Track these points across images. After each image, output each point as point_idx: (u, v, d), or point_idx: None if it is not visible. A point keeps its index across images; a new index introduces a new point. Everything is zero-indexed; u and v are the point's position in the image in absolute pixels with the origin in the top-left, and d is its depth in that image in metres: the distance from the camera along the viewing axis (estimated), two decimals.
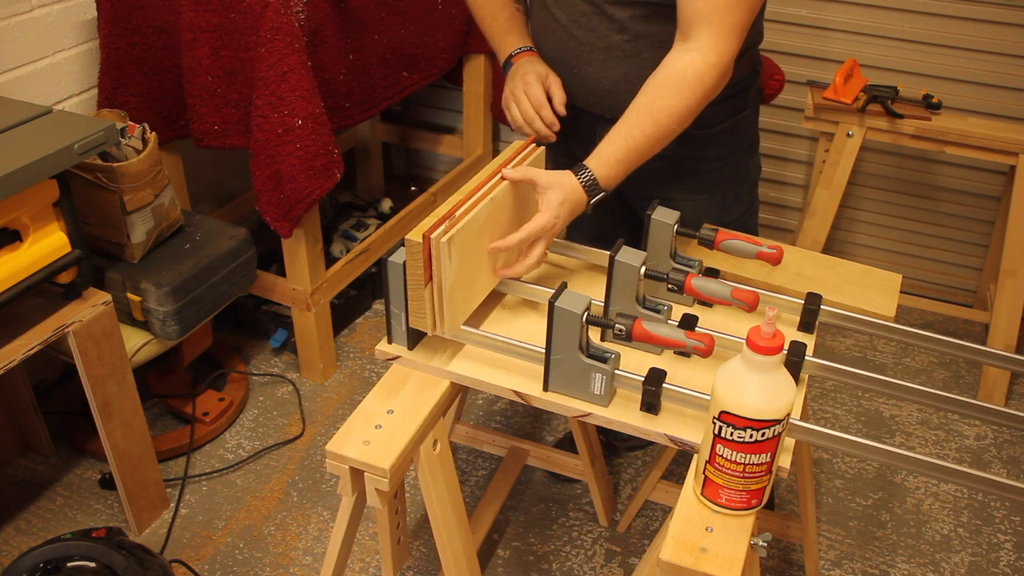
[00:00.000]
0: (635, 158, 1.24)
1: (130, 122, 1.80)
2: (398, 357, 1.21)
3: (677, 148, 1.30)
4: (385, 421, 1.12)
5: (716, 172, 1.50)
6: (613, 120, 1.26)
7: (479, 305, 1.24)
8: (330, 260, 2.31)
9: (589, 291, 1.28)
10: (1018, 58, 2.30)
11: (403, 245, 1.10)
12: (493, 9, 1.47)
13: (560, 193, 1.20)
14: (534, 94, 1.38)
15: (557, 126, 1.38)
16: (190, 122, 1.97)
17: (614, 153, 1.23)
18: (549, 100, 1.39)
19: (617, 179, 1.25)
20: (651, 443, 1.80)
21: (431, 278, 1.11)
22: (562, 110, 1.38)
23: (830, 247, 2.73)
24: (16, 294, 1.46)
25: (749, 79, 1.46)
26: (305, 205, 1.92)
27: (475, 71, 2.66)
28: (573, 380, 1.11)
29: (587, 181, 1.22)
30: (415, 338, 1.20)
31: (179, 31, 1.89)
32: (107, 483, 1.95)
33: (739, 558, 0.95)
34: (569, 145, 1.47)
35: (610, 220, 1.62)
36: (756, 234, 1.57)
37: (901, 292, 1.42)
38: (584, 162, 1.24)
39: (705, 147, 1.45)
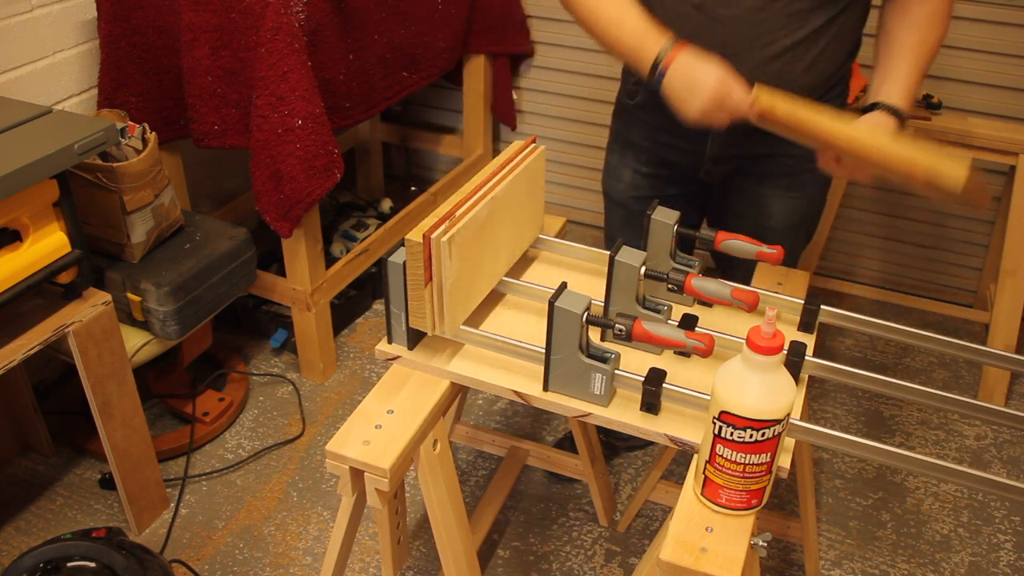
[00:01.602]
0: (918, 88, 1.30)
1: (130, 122, 1.80)
2: (398, 357, 1.21)
3: (783, 146, 1.29)
4: (385, 421, 1.12)
5: (811, 172, 1.46)
6: (729, 127, 1.23)
7: (479, 305, 1.24)
8: (330, 260, 2.31)
9: (589, 291, 1.28)
10: (1018, 58, 2.30)
11: (403, 245, 1.10)
12: (620, 12, 1.24)
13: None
14: (735, 104, 1.19)
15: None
16: (190, 122, 1.97)
17: (910, 85, 1.27)
18: None
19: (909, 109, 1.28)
20: (651, 443, 1.80)
21: (431, 278, 1.11)
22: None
23: (830, 247, 2.73)
24: (16, 294, 1.46)
25: (848, 78, 1.49)
26: (305, 205, 1.92)
27: (475, 71, 2.66)
28: (573, 380, 1.11)
29: (893, 111, 1.26)
30: (415, 338, 1.20)
31: (179, 31, 1.89)
32: (107, 483, 1.95)
33: (739, 558, 0.95)
34: (668, 154, 1.48)
35: (686, 209, 1.57)
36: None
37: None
38: (882, 100, 1.26)
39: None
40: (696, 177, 1.52)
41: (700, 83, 1.18)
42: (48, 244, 1.51)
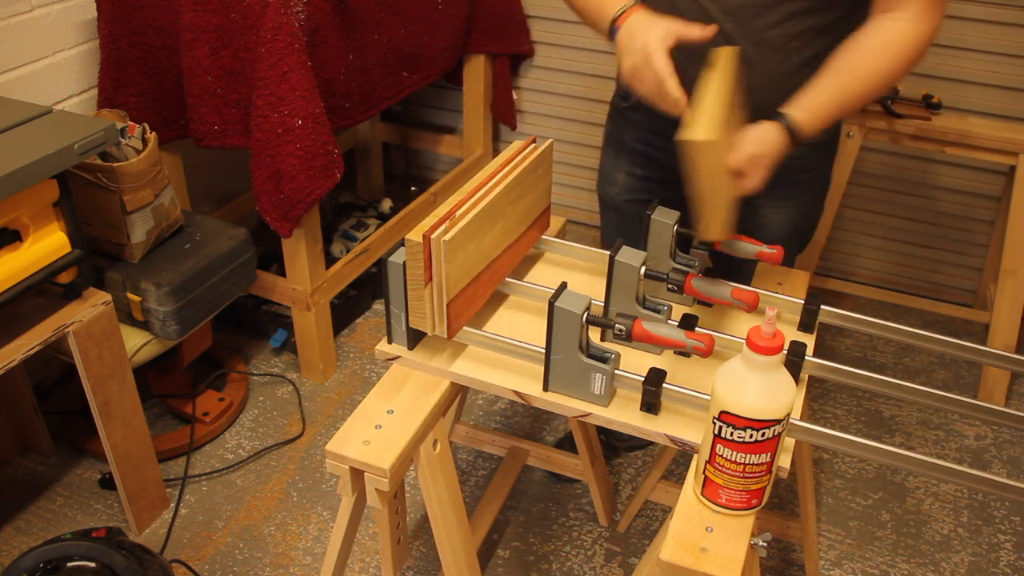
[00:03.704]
0: (837, 114, 1.23)
1: (130, 122, 1.80)
2: (398, 357, 1.21)
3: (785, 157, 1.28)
4: (385, 421, 1.12)
5: (809, 182, 1.48)
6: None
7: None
8: (330, 260, 2.31)
9: (589, 291, 1.28)
10: (1018, 58, 2.30)
11: (403, 245, 1.10)
12: None
13: (762, 144, 1.17)
14: (653, 69, 1.13)
15: (683, 101, 1.14)
16: (190, 122, 1.97)
17: (824, 105, 1.21)
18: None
19: (816, 135, 1.22)
20: (651, 443, 1.80)
21: (431, 278, 1.11)
22: (710, 32, 1.16)
23: (830, 247, 2.73)
24: (16, 294, 1.46)
25: None
26: (305, 205, 1.92)
27: (475, 71, 2.66)
28: (573, 380, 1.11)
29: (789, 124, 1.19)
30: (415, 338, 1.20)
31: (179, 31, 1.89)
32: (107, 483, 1.95)
33: (739, 558, 0.95)
34: (659, 156, 1.46)
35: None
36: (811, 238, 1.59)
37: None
38: (784, 110, 1.20)
39: (809, 156, 1.42)
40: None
41: (635, 42, 1.16)
42: (48, 244, 1.51)
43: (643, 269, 1.17)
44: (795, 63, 1.27)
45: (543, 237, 1.41)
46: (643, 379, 1.08)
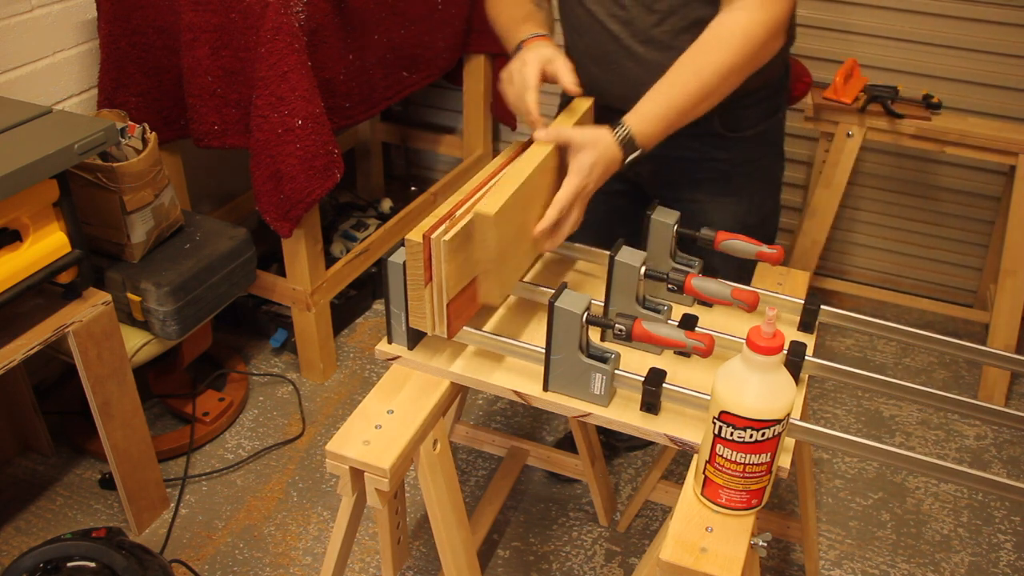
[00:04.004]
0: (676, 116, 1.20)
1: (130, 122, 1.80)
2: (398, 357, 1.20)
3: (709, 151, 1.28)
4: (385, 421, 1.12)
5: (747, 176, 1.47)
6: None
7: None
8: (330, 260, 2.31)
9: (589, 291, 1.28)
10: (1018, 58, 2.30)
11: (403, 245, 1.10)
12: (508, 16, 1.39)
13: (592, 153, 1.16)
14: (522, 76, 1.24)
15: (535, 114, 1.23)
16: (190, 122, 1.97)
17: (654, 109, 1.20)
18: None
19: (656, 137, 1.21)
20: (651, 443, 1.80)
21: (431, 278, 1.11)
22: (575, 89, 1.25)
23: (830, 247, 2.73)
24: (16, 294, 1.46)
25: (782, 81, 1.45)
26: (305, 205, 1.92)
27: (475, 71, 2.66)
28: (573, 380, 1.11)
29: (623, 137, 1.18)
30: (415, 338, 1.20)
31: (179, 31, 1.89)
32: (107, 483, 1.95)
33: (739, 558, 0.95)
34: None
35: (622, 223, 1.60)
36: (774, 239, 1.54)
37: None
38: (623, 118, 1.20)
39: (739, 150, 1.42)
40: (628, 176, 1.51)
41: (520, 56, 1.26)
42: (48, 244, 1.51)
43: (643, 269, 1.17)
44: None
45: None
46: (643, 379, 1.08)
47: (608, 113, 1.40)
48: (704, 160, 1.36)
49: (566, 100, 1.36)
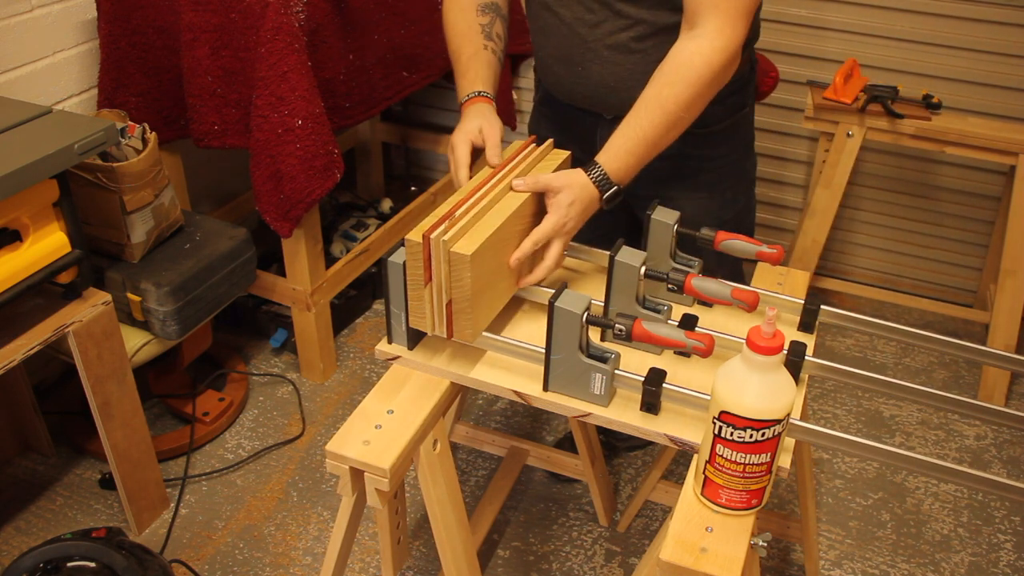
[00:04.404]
0: (646, 150, 1.24)
1: (130, 122, 1.80)
2: (398, 357, 1.21)
3: (679, 147, 1.30)
4: (385, 421, 1.12)
5: (716, 171, 1.49)
6: (615, 120, 1.26)
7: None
8: (330, 260, 2.31)
9: (589, 291, 1.28)
10: (1018, 58, 2.30)
11: (403, 245, 1.10)
12: (457, 47, 1.43)
13: (570, 193, 1.20)
14: (455, 156, 1.31)
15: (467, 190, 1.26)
16: (190, 122, 1.97)
17: (623, 145, 1.23)
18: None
19: (629, 172, 1.24)
20: (651, 443, 1.80)
21: (431, 278, 1.11)
22: (494, 161, 1.30)
23: (830, 247, 2.73)
24: (16, 294, 1.46)
25: (748, 76, 1.46)
26: (305, 205, 1.92)
27: None
28: (573, 380, 1.11)
29: (598, 177, 1.22)
30: (415, 338, 1.20)
31: (179, 31, 1.89)
32: (107, 483, 1.95)
33: (739, 558, 0.95)
34: (569, 148, 1.47)
35: (609, 221, 1.62)
36: (752, 233, 1.57)
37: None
38: (595, 158, 1.24)
39: (706, 146, 1.45)
40: (631, 213, 1.54)
41: (458, 126, 1.34)
42: (48, 244, 1.51)
43: (643, 269, 1.17)
44: (655, 59, 1.26)
45: None
46: (643, 379, 1.08)
47: (572, 112, 1.42)
48: (677, 157, 1.38)
49: (538, 136, 1.40)
